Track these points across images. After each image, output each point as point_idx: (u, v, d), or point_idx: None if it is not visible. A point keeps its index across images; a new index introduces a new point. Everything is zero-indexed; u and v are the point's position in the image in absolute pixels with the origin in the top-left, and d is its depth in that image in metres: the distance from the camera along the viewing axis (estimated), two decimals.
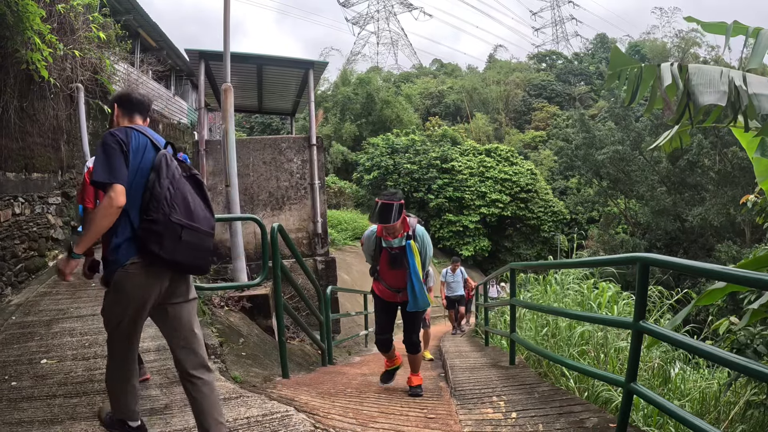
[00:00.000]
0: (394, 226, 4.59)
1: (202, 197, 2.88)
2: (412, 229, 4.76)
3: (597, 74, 69.03)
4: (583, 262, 8.76)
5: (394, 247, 4.75)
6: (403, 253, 4.69)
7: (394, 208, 4.51)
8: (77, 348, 5.00)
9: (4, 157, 7.34)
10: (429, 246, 4.89)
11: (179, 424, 3.32)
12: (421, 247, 4.77)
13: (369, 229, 4.98)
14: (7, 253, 7.25)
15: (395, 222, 4.51)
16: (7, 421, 3.44)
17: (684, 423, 2.60)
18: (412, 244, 4.69)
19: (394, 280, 4.87)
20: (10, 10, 6.73)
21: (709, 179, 29.01)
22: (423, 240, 4.80)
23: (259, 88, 15.99)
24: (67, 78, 9.13)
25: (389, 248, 4.77)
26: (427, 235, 4.86)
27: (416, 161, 37.06)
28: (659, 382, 5.39)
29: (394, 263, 4.76)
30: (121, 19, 13.23)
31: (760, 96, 3.31)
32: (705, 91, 3.41)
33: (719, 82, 3.44)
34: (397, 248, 4.73)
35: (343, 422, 3.52)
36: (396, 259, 4.74)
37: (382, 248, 4.82)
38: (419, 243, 4.76)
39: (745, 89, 3.35)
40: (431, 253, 4.99)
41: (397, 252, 4.73)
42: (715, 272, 2.57)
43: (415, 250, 4.68)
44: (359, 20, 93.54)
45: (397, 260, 4.73)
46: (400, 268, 4.73)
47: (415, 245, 4.70)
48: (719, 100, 3.37)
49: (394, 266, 4.77)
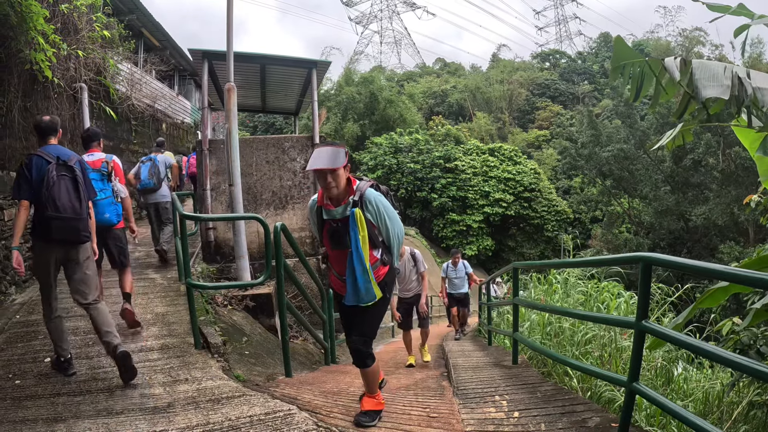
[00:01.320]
0: (335, 184, 3.38)
1: (75, 190, 4.30)
2: (359, 193, 3.47)
3: (601, 73, 68.92)
4: (586, 261, 8.76)
5: (336, 219, 3.50)
6: (345, 226, 3.47)
7: (330, 150, 3.41)
8: (81, 347, 5.02)
9: (8, 156, 7.37)
10: (390, 217, 3.56)
11: (182, 422, 3.33)
12: (375, 218, 3.51)
13: (312, 198, 3.72)
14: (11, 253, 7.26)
15: (329, 166, 3.30)
16: (11, 419, 3.46)
17: (686, 423, 2.60)
18: (357, 213, 3.42)
19: (341, 265, 3.61)
20: (14, 11, 6.75)
21: (712, 179, 28.94)
22: (377, 208, 3.49)
23: (262, 88, 15.98)
24: (71, 78, 9.16)
25: (331, 220, 3.52)
26: (384, 203, 3.55)
27: (419, 160, 37.06)
28: (662, 382, 5.38)
29: (334, 241, 3.55)
30: (124, 19, 13.27)
31: (763, 90, 3.30)
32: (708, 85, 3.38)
33: (722, 77, 3.41)
34: (340, 220, 3.49)
35: (345, 421, 3.52)
36: (336, 235, 3.52)
37: (324, 222, 3.58)
38: (371, 212, 3.49)
39: (749, 82, 3.33)
40: (399, 229, 3.66)
41: (338, 225, 3.49)
42: (718, 272, 2.56)
43: (362, 221, 3.42)
44: (362, 19, 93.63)
45: (337, 237, 3.51)
46: (342, 247, 3.50)
47: (361, 215, 3.43)
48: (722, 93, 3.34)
49: (335, 245, 3.56)
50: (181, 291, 6.92)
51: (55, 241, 4.21)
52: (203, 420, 3.35)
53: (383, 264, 3.66)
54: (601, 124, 37.38)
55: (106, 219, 5.54)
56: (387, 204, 3.58)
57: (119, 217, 5.73)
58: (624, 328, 5.46)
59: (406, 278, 7.33)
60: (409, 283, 7.39)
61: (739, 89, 3.36)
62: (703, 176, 29.80)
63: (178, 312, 6.11)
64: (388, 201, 3.62)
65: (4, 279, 7.02)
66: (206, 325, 5.55)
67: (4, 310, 6.44)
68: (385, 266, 3.69)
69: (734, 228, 27.35)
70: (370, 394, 3.73)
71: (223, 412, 3.48)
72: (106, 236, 5.60)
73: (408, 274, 7.33)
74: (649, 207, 32.09)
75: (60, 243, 4.23)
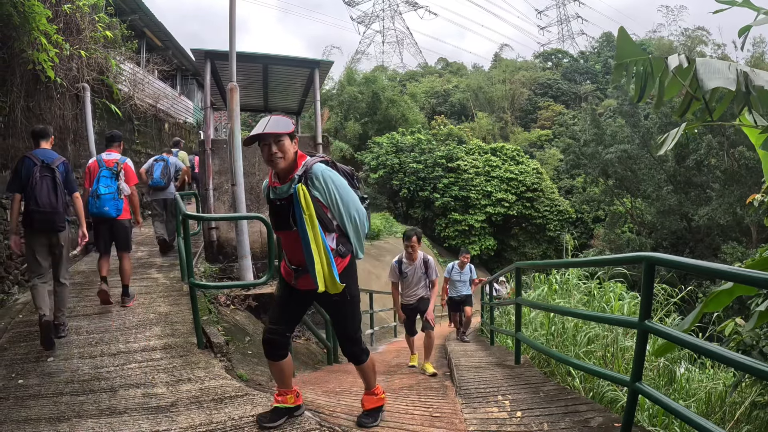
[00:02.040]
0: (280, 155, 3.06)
1: (53, 189, 5.11)
2: (304, 168, 3.09)
3: (603, 72, 68.82)
4: (588, 261, 8.72)
5: (282, 198, 3.13)
6: (289, 205, 3.08)
7: (275, 117, 3.11)
8: (84, 346, 5.03)
9: (11, 156, 7.40)
10: (342, 197, 3.12)
11: (185, 422, 3.34)
12: (324, 196, 3.09)
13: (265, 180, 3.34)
14: (14, 252, 7.28)
15: (272, 130, 3.02)
16: (14, 418, 3.47)
17: (689, 423, 2.59)
18: (300, 189, 3.01)
19: (290, 251, 3.29)
20: (17, 11, 6.76)
21: (715, 178, 28.88)
22: (325, 185, 3.08)
23: (265, 88, 15.97)
24: (74, 78, 9.18)
25: (276, 199, 3.16)
26: (336, 179, 3.13)
27: (422, 160, 37.04)
28: (665, 382, 5.37)
29: (277, 220, 3.21)
30: (126, 19, 13.29)
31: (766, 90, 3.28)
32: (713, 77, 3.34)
33: (727, 72, 3.38)
34: (284, 198, 3.12)
35: (348, 420, 3.52)
36: (278, 213, 3.17)
37: (271, 201, 3.23)
38: (319, 190, 3.08)
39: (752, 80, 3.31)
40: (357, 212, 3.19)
41: (282, 204, 3.12)
42: (720, 272, 2.55)
43: (306, 199, 3.00)
44: (364, 19, 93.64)
45: (280, 215, 3.15)
46: (286, 227, 3.12)
47: (305, 191, 3.01)
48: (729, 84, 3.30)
49: (278, 225, 3.22)
50: (184, 291, 6.93)
51: (37, 230, 5.10)
52: (206, 419, 3.36)
53: (339, 255, 3.18)
54: (605, 123, 37.32)
55: (106, 212, 6.24)
56: (340, 181, 3.15)
57: (119, 211, 6.32)
58: (627, 328, 5.46)
59: (413, 284, 6.69)
60: (416, 289, 6.71)
61: (744, 85, 3.33)
62: (705, 176, 29.74)
63: (181, 312, 6.12)
64: (344, 179, 3.21)
65: (6, 279, 7.04)
66: (209, 324, 5.56)
67: (7, 309, 6.46)
68: (343, 258, 3.23)
69: (737, 228, 27.28)
70: (368, 390, 3.60)
71: (226, 412, 3.48)
72: (111, 226, 6.35)
73: (416, 280, 6.67)
74: (652, 207, 32.03)
75: (40, 231, 5.11)
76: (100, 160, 6.43)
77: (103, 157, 6.47)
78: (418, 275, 6.65)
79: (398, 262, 6.68)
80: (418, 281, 6.67)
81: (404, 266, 6.66)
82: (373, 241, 27.15)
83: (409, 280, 6.68)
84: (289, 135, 3.09)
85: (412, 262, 6.61)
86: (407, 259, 6.64)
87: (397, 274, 6.66)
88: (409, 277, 6.65)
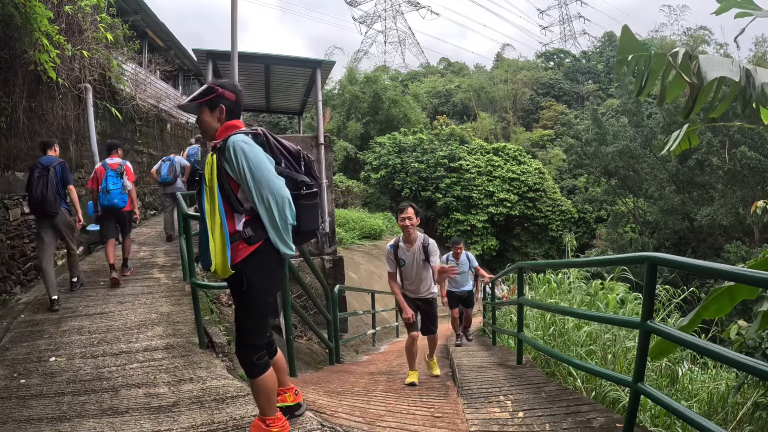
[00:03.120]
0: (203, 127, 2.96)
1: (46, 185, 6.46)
2: (223, 141, 2.82)
3: (605, 72, 68.71)
4: (590, 261, 8.72)
5: (202, 170, 2.96)
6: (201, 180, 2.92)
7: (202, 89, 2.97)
8: (86, 346, 5.04)
9: (13, 156, 7.40)
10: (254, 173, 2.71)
11: (187, 421, 3.34)
12: (233, 171, 2.76)
13: None
14: (17, 252, 7.30)
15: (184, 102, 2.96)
16: (16, 418, 3.47)
17: (691, 424, 2.59)
18: (209, 159, 2.87)
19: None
20: (18, 12, 6.77)
21: (717, 178, 28.82)
22: (235, 157, 2.73)
23: (267, 88, 16.01)
24: (76, 78, 9.18)
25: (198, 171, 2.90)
26: (250, 153, 2.74)
27: (424, 160, 37.03)
28: (667, 383, 5.36)
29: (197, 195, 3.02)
30: (128, 20, 13.28)
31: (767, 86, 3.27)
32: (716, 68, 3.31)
33: (730, 65, 3.37)
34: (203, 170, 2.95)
35: (350, 421, 3.52)
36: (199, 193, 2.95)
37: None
38: (229, 162, 2.76)
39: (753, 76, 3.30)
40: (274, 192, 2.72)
41: (201, 175, 2.95)
42: (722, 272, 2.55)
43: (212, 168, 2.83)
44: (366, 19, 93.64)
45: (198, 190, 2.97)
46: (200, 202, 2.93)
47: (212, 162, 2.84)
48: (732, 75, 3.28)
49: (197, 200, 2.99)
50: (185, 291, 6.94)
51: (36, 215, 6.65)
52: (208, 419, 3.36)
53: (245, 241, 2.78)
54: (607, 122, 37.25)
55: (115, 203, 7.61)
56: (254, 156, 2.74)
57: (124, 203, 7.72)
58: (629, 328, 5.45)
59: (414, 274, 5.62)
60: (417, 281, 5.65)
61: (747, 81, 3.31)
62: (708, 176, 29.66)
63: (183, 312, 6.13)
64: (264, 156, 2.79)
65: (9, 278, 7.05)
66: (211, 324, 5.56)
67: (9, 309, 6.47)
68: (249, 245, 2.79)
69: (739, 228, 27.22)
70: (260, 416, 2.97)
71: (228, 412, 3.48)
72: (118, 215, 7.73)
73: (416, 269, 5.59)
74: (654, 206, 31.96)
75: (40, 216, 6.59)
76: (105, 164, 7.72)
77: (108, 161, 7.75)
78: (418, 261, 5.56)
79: (393, 246, 5.63)
80: (419, 271, 5.60)
81: (401, 251, 5.60)
82: (375, 240, 27.15)
83: (409, 269, 5.62)
84: (206, 104, 2.91)
85: (411, 245, 5.53)
86: (404, 242, 5.58)
87: (394, 262, 5.63)
88: (407, 264, 5.58)
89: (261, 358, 2.86)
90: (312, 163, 3.08)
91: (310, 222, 2.95)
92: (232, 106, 2.95)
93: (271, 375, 2.90)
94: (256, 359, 2.84)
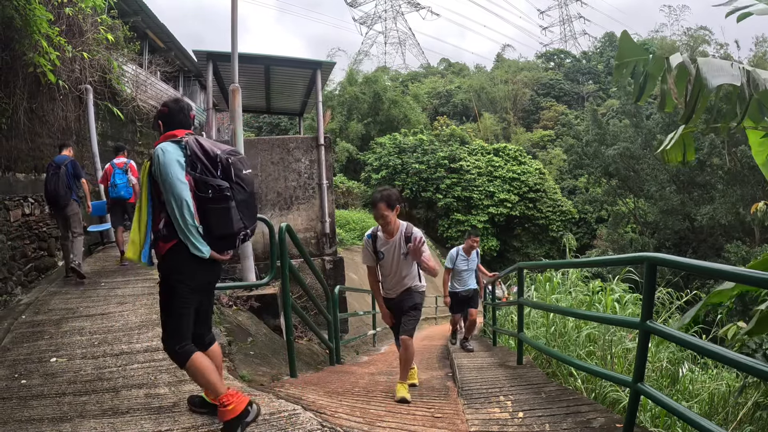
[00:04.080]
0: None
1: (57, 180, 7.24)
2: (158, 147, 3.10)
3: (605, 73, 68.73)
4: (590, 261, 8.76)
5: None
6: None
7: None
8: (87, 347, 5.04)
9: (14, 158, 7.42)
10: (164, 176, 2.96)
11: (187, 422, 3.34)
12: (155, 174, 3.04)
13: None
14: (17, 253, 7.31)
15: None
16: (17, 418, 3.48)
17: (691, 424, 2.59)
18: (145, 166, 3.14)
19: None
20: (18, 14, 6.78)
21: (718, 178, 28.83)
22: (154, 163, 3.03)
23: (267, 89, 16.03)
24: (76, 79, 9.20)
25: None
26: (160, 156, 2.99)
27: (424, 161, 37.07)
28: (667, 383, 5.37)
29: None
30: (129, 21, 13.28)
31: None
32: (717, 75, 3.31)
33: (730, 69, 3.38)
34: None
35: (350, 421, 3.53)
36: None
37: None
38: (152, 167, 3.05)
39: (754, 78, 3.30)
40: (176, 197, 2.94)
41: None
42: (722, 272, 2.55)
43: (144, 173, 3.11)
44: (367, 20, 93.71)
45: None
46: None
47: (145, 167, 3.12)
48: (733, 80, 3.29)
49: None
50: None
51: (50, 206, 7.58)
52: (208, 420, 3.36)
53: (162, 239, 3.04)
54: (607, 123, 37.28)
55: (122, 195, 8.53)
56: (163, 162, 2.96)
57: (129, 194, 8.55)
58: (629, 328, 5.45)
59: (393, 269, 4.82)
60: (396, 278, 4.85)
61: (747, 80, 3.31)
62: (708, 176, 29.68)
63: None
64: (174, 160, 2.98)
65: (10, 279, 7.06)
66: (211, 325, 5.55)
67: (9, 310, 6.48)
68: (166, 243, 3.03)
69: (740, 228, 27.23)
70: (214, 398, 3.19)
71: None
72: (124, 205, 8.60)
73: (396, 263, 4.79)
74: (655, 207, 31.97)
75: (53, 207, 7.51)
76: (113, 164, 8.60)
77: (115, 161, 8.64)
78: (399, 255, 4.78)
79: (371, 237, 4.87)
80: (399, 265, 4.80)
81: (380, 243, 4.82)
82: None
83: (388, 264, 4.85)
84: (156, 122, 3.25)
85: (390, 237, 4.78)
86: (383, 232, 4.81)
87: (371, 254, 4.87)
88: (387, 258, 4.81)
89: (183, 348, 3.02)
90: (232, 166, 3.10)
91: (222, 226, 3.05)
92: (166, 119, 3.22)
93: (199, 357, 3.05)
94: (177, 348, 3.02)
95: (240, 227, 3.09)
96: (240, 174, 3.10)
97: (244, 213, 3.11)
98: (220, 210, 3.02)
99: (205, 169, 3.03)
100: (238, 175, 3.09)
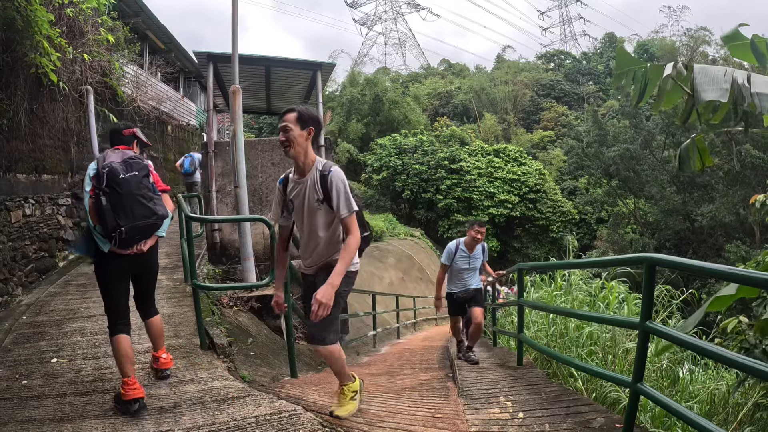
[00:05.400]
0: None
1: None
2: None
3: (606, 73, 68.67)
4: (590, 262, 8.75)
5: None
6: None
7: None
8: (87, 347, 5.05)
9: (14, 158, 7.42)
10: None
11: (188, 422, 3.35)
12: None
13: None
14: (18, 254, 7.32)
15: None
16: (18, 419, 3.49)
17: (691, 424, 2.59)
18: None
19: None
20: (20, 15, 6.80)
21: (718, 178, 28.81)
22: None
23: (267, 90, 16.01)
24: (77, 80, 9.22)
25: None
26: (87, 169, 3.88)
27: (425, 162, 37.02)
28: (667, 383, 5.37)
29: None
30: (129, 22, 13.31)
31: (762, 95, 3.32)
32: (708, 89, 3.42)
33: (722, 81, 3.44)
34: None
35: (350, 421, 3.53)
36: None
37: None
38: None
39: (747, 87, 3.36)
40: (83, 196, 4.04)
41: None
42: (722, 273, 2.55)
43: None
44: (367, 21, 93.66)
45: None
46: None
47: None
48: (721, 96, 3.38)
49: None
50: (187, 292, 6.95)
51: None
52: (209, 420, 3.37)
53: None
54: (607, 124, 37.26)
55: None
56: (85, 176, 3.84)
57: None
58: (628, 328, 5.46)
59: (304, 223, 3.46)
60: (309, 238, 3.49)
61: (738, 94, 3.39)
62: (709, 176, 29.65)
63: (184, 313, 6.14)
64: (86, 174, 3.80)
65: (11, 280, 7.07)
66: (212, 326, 5.57)
67: (11, 311, 6.48)
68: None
69: (740, 228, 27.20)
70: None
71: (229, 413, 3.50)
72: None
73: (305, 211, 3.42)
74: (655, 207, 31.95)
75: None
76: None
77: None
78: (311, 204, 3.37)
79: (283, 181, 3.59)
80: (311, 218, 3.41)
81: (291, 185, 3.49)
82: (376, 242, 27.10)
83: (298, 217, 3.52)
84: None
85: (301, 176, 3.41)
86: (295, 173, 3.47)
87: (279, 205, 3.62)
88: (296, 208, 3.49)
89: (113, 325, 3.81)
90: (106, 175, 3.63)
91: (103, 225, 3.62)
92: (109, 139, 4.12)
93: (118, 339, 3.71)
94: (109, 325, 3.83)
95: (114, 225, 3.59)
96: (115, 179, 3.63)
97: (118, 213, 3.61)
98: (101, 212, 3.60)
99: (98, 179, 3.64)
100: (114, 180, 3.62)
